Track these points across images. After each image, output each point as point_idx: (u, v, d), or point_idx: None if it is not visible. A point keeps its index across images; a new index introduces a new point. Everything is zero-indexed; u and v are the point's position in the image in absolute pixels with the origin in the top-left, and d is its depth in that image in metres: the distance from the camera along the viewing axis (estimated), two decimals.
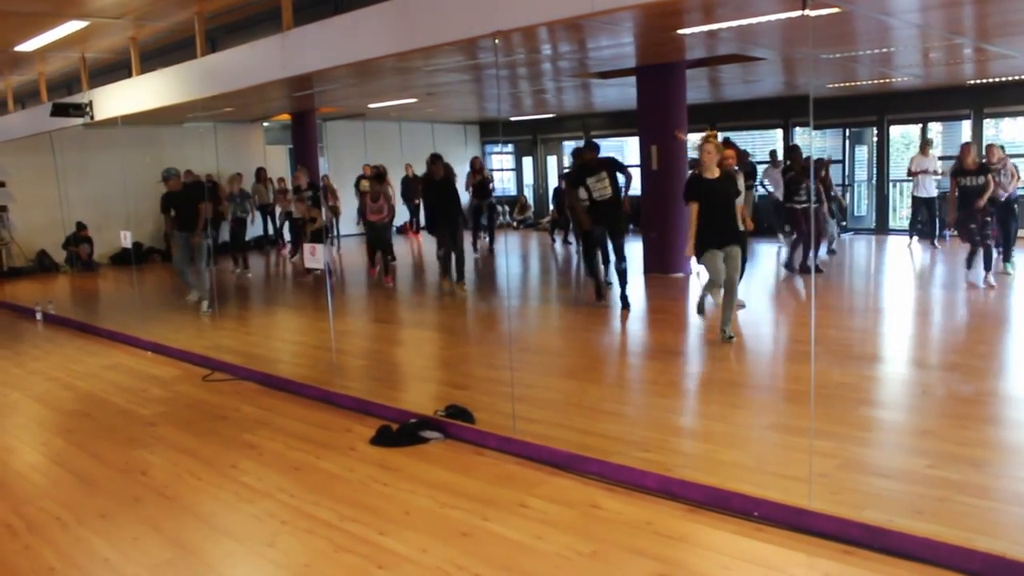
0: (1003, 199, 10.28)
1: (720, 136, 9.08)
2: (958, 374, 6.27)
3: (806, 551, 3.50)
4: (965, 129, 15.08)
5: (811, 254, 9.63)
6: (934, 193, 13.27)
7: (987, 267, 9.50)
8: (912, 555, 3.36)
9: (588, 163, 9.02)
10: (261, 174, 16.06)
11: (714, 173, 7.15)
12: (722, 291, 7.28)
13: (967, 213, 9.56)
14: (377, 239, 12.11)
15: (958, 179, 9.72)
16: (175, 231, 10.28)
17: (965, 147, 9.81)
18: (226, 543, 3.92)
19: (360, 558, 3.63)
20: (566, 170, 11.24)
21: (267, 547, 3.81)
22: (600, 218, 8.97)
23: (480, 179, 15.67)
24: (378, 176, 12.30)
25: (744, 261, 7.76)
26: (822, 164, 12.59)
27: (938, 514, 3.72)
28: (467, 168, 16.24)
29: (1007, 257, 10.40)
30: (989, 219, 9.62)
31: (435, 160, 10.80)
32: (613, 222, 9.02)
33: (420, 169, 14.28)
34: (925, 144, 13.39)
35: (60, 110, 9.75)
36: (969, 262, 9.74)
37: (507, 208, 20.77)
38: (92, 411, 6.26)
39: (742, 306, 8.42)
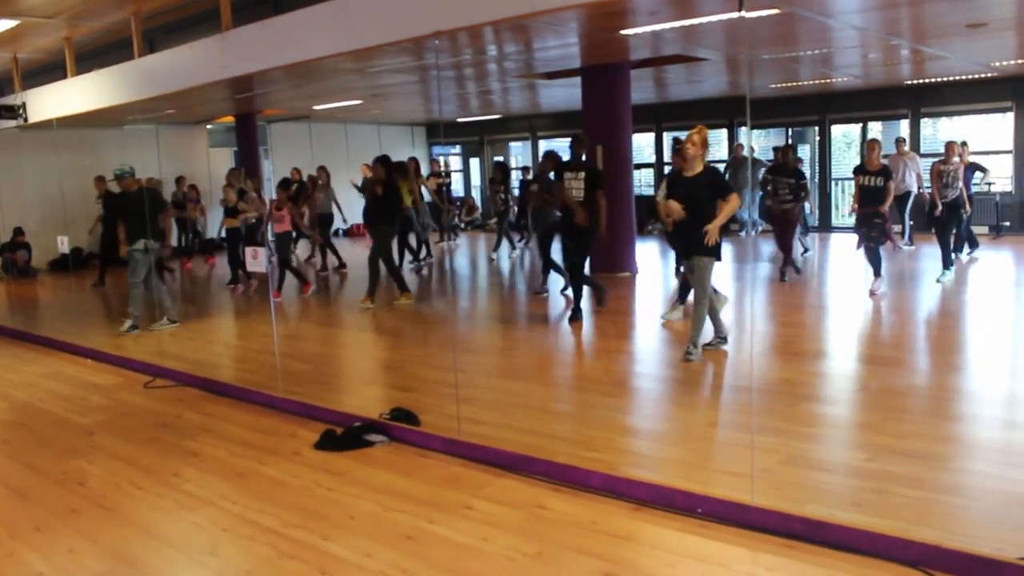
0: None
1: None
2: (895, 368, 6.40)
3: (749, 546, 3.53)
4: (904, 128, 15.42)
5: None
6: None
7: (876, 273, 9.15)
8: (853, 547, 3.41)
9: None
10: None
11: (694, 170, 6.65)
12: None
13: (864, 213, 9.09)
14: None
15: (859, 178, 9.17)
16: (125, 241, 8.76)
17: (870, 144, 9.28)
18: (166, 553, 3.83)
19: (303, 564, 3.58)
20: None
21: (208, 556, 3.74)
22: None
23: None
24: (284, 183, 11.22)
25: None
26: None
27: (877, 506, 3.79)
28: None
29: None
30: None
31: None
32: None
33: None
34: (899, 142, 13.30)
35: None
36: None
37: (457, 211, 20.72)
38: (28, 421, 6.09)
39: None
